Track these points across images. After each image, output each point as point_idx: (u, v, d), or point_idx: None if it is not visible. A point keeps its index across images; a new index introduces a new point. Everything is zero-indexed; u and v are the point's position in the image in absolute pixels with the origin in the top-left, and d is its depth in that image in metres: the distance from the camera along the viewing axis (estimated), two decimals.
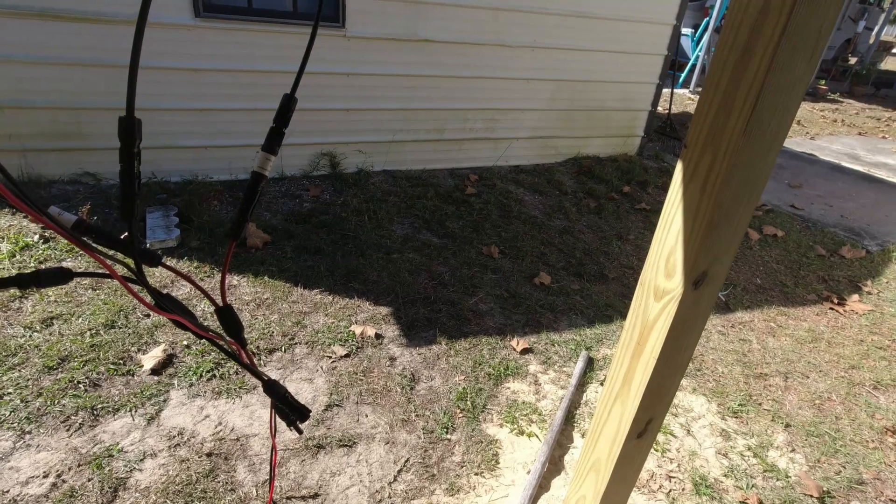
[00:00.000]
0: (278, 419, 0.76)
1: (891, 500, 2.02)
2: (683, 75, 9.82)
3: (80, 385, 2.02)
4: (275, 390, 0.66)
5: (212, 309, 1.75)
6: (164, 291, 0.66)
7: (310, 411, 0.69)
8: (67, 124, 3.27)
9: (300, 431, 0.76)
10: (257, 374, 0.66)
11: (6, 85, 3.05)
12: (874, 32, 13.56)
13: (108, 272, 0.50)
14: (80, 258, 2.74)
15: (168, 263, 0.65)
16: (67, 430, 1.85)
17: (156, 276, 2.62)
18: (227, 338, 0.65)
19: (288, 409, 0.67)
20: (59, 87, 3.17)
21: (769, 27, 0.69)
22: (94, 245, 0.51)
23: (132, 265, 0.57)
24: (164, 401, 2.02)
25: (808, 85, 0.81)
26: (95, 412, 1.93)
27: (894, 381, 2.69)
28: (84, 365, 2.10)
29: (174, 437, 1.88)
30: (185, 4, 3.22)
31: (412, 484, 1.84)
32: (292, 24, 3.55)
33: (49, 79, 3.13)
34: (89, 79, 3.21)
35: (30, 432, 1.82)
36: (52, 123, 3.21)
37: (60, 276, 0.56)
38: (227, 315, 0.69)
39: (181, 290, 2.60)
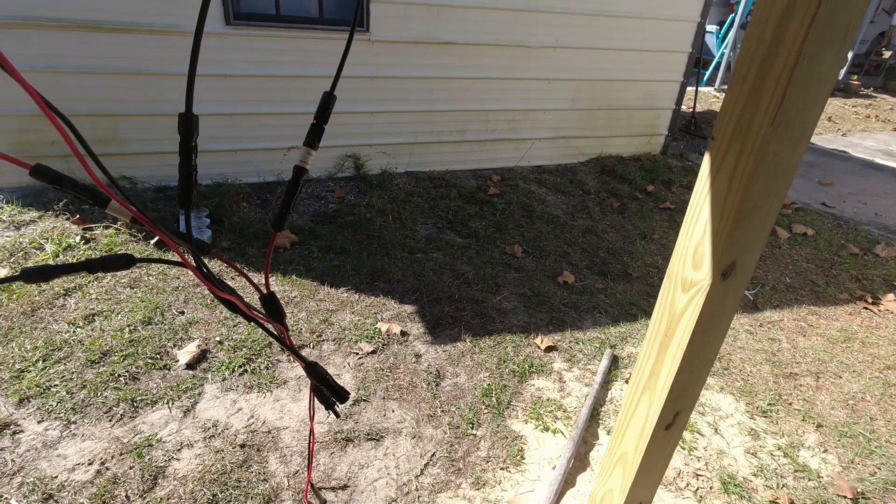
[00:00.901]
0: (317, 403, 0.80)
1: None
2: (708, 73, 9.66)
3: (121, 378, 2.11)
4: (316, 372, 0.70)
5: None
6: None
7: (349, 393, 0.73)
8: (106, 130, 3.41)
9: (338, 415, 0.79)
10: (299, 356, 0.70)
11: (52, 94, 3.16)
12: None
13: (174, 260, 0.54)
14: None
15: (217, 253, 0.70)
16: (109, 420, 1.94)
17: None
18: (273, 322, 0.69)
19: (328, 390, 0.70)
20: (100, 95, 3.32)
21: (797, 20, 0.70)
22: (169, 233, 0.55)
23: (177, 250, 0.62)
24: (199, 394, 2.10)
25: (836, 78, 0.81)
26: (135, 404, 2.01)
27: None
28: (124, 359, 2.20)
29: (209, 428, 1.95)
30: (216, 13, 3.34)
31: (438, 477, 1.87)
32: (319, 29, 3.64)
33: (91, 87, 3.28)
34: (127, 87, 3.35)
35: (75, 422, 1.91)
36: (93, 130, 3.36)
37: (124, 261, 0.61)
38: (271, 302, 0.73)
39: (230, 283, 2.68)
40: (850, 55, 11.05)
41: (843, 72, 11.08)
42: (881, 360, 2.76)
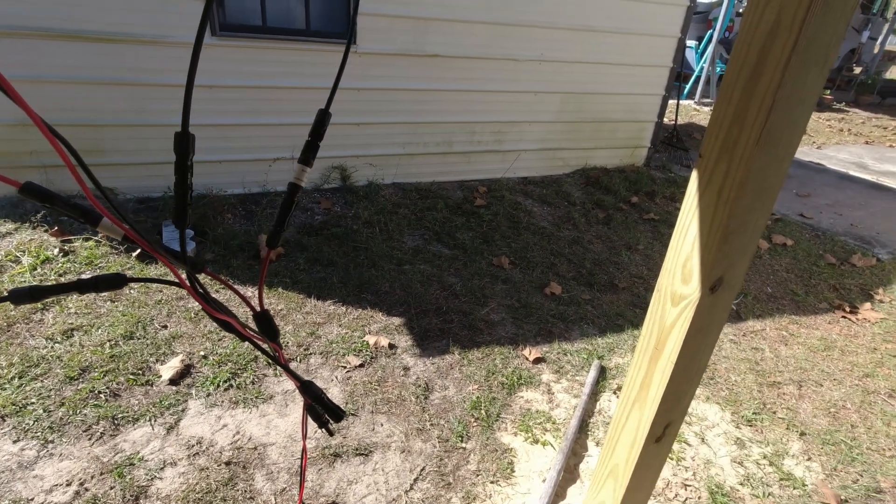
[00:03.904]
0: (310, 422, 0.79)
1: None
2: (689, 86, 9.88)
3: (101, 395, 2.06)
4: (311, 391, 0.69)
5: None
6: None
7: (344, 412, 0.72)
8: (89, 140, 3.36)
9: (331, 433, 0.79)
10: (294, 375, 0.69)
11: (35, 103, 3.10)
12: (878, 42, 13.60)
13: (169, 279, 0.53)
14: (98, 271, 2.79)
15: (210, 270, 0.69)
16: (89, 439, 1.88)
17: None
18: (268, 341, 0.68)
19: (324, 409, 0.70)
20: (83, 105, 3.27)
21: (780, 44, 0.73)
22: (165, 254, 0.54)
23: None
24: (183, 410, 2.06)
25: (818, 98, 0.84)
26: (116, 421, 1.96)
27: None
28: (104, 375, 2.14)
29: (193, 445, 1.91)
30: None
31: (428, 492, 1.85)
32: (305, 41, 3.64)
33: (74, 97, 3.23)
34: (111, 97, 3.31)
35: (52, 441, 1.86)
36: (76, 140, 3.28)
37: (116, 281, 0.60)
38: (264, 320, 0.72)
39: (215, 296, 2.64)
40: None
41: None
42: (860, 367, 2.82)
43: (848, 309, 3.39)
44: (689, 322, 0.95)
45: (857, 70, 13.39)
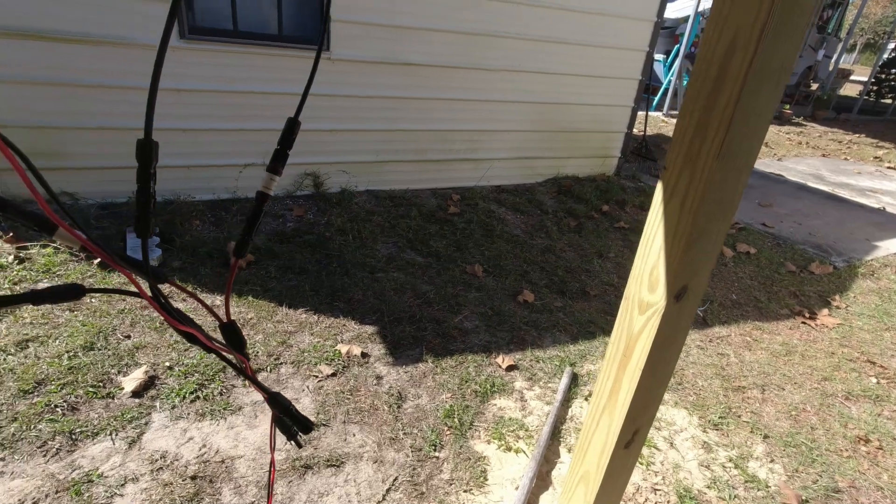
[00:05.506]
0: (278, 433, 0.77)
1: None
2: (657, 99, 10.18)
3: (58, 409, 1.97)
4: (279, 402, 0.68)
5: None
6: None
7: (314, 423, 0.71)
8: (47, 143, 3.23)
9: (300, 445, 0.77)
10: (261, 387, 0.68)
11: None
12: (833, 60, 14.31)
13: (124, 289, 0.51)
14: (56, 279, 2.68)
15: (175, 281, 0.67)
16: (44, 455, 1.80)
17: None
18: (234, 352, 0.66)
19: (292, 421, 0.68)
20: (41, 107, 3.15)
21: (737, 62, 0.76)
22: (124, 264, 0.53)
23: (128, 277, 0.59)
24: (146, 423, 1.98)
25: (774, 112, 0.88)
26: (74, 437, 1.88)
27: (864, 391, 2.79)
28: (62, 388, 2.05)
29: (156, 460, 1.84)
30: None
31: (401, 503, 1.83)
32: (276, 45, 3.60)
33: (30, 98, 3.11)
34: (70, 99, 3.20)
35: (3, 459, 1.76)
36: (33, 143, 3.17)
37: (73, 291, 0.58)
38: (231, 330, 0.71)
39: (178, 306, 2.56)
40: None
41: None
42: (819, 371, 2.93)
43: (807, 315, 3.53)
44: (656, 329, 0.97)
45: (814, 86, 14.04)
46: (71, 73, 3.14)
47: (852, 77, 18.49)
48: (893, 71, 14.87)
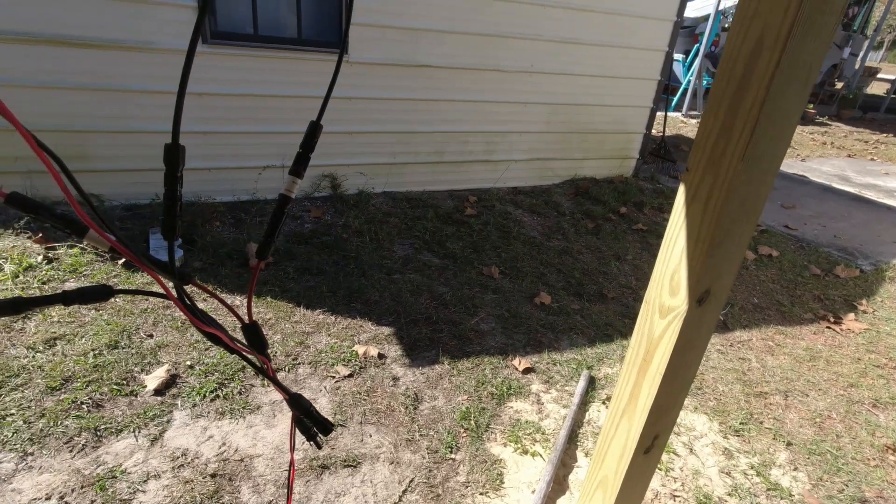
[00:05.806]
0: (297, 434, 0.78)
1: None
2: (676, 99, 10.04)
3: (83, 406, 2.02)
4: (300, 404, 0.69)
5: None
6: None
7: (333, 425, 0.72)
8: (73, 147, 3.32)
9: (319, 446, 0.78)
10: (282, 388, 0.68)
11: (16, 109, 3.09)
12: (859, 58, 13.94)
13: (150, 290, 0.53)
14: (82, 279, 2.75)
15: (198, 281, 0.68)
16: (70, 451, 1.84)
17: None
18: (256, 353, 0.67)
19: (312, 422, 0.69)
20: (67, 110, 3.24)
21: (764, 61, 0.74)
22: (152, 266, 0.54)
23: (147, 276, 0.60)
24: (168, 421, 2.02)
25: (801, 113, 0.86)
26: (98, 433, 1.92)
27: (892, 399, 2.71)
28: (87, 385, 2.10)
29: (178, 457, 1.88)
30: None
31: None
32: (296, 49, 3.65)
33: (57, 103, 3.20)
34: (95, 103, 3.28)
35: (32, 454, 1.81)
36: (59, 146, 3.25)
37: (102, 292, 0.59)
38: (253, 331, 0.72)
39: (201, 306, 2.61)
40: None
41: None
42: (844, 378, 2.86)
43: (832, 319, 3.44)
44: (678, 334, 0.96)
45: (839, 85, 13.71)
46: (95, 78, 3.22)
47: (879, 75, 17.98)
48: None
